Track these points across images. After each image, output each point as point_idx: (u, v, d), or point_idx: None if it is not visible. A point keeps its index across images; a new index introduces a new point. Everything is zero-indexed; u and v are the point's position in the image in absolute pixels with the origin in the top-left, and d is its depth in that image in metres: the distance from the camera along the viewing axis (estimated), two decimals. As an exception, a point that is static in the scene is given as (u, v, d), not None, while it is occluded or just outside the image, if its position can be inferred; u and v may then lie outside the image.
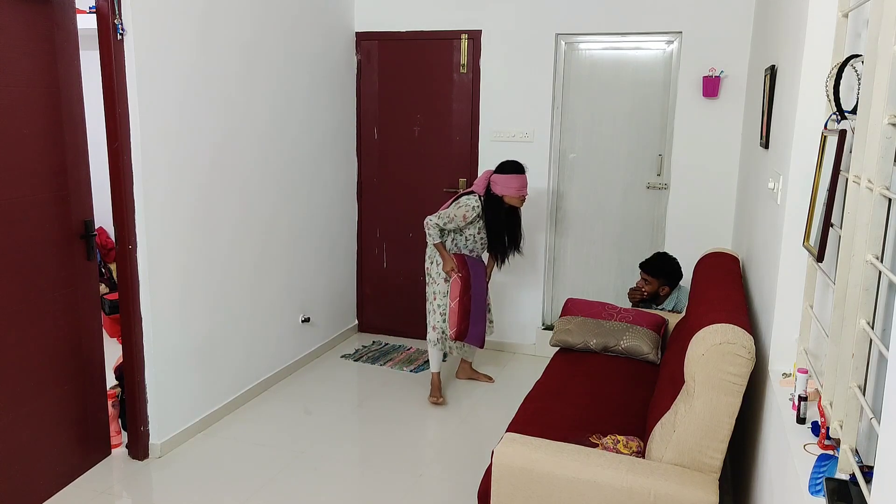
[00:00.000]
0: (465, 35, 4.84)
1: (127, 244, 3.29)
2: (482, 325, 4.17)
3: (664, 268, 4.18)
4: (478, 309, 4.12)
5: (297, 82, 4.41)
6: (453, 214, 3.96)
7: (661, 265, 4.19)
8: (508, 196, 3.99)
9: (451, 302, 4.04)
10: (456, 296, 4.03)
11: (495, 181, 3.98)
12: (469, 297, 4.06)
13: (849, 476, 1.52)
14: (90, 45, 3.24)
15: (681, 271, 4.23)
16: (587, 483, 2.28)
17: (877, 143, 1.47)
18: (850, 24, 2.01)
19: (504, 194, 3.98)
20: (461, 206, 3.97)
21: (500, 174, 3.97)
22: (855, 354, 1.54)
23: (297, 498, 3.17)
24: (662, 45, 4.55)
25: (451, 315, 4.05)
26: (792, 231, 2.28)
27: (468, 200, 3.99)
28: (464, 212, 3.97)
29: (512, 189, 3.96)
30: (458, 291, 4.02)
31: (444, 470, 3.45)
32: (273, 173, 4.25)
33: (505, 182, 3.96)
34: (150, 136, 3.29)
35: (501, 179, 3.96)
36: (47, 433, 3.09)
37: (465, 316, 4.05)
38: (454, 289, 4.03)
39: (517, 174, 3.96)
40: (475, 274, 4.12)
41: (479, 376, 4.53)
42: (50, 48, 2.98)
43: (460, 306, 4.03)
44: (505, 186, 3.96)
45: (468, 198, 4.01)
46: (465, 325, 4.05)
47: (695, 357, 2.30)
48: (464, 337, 4.06)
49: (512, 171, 3.96)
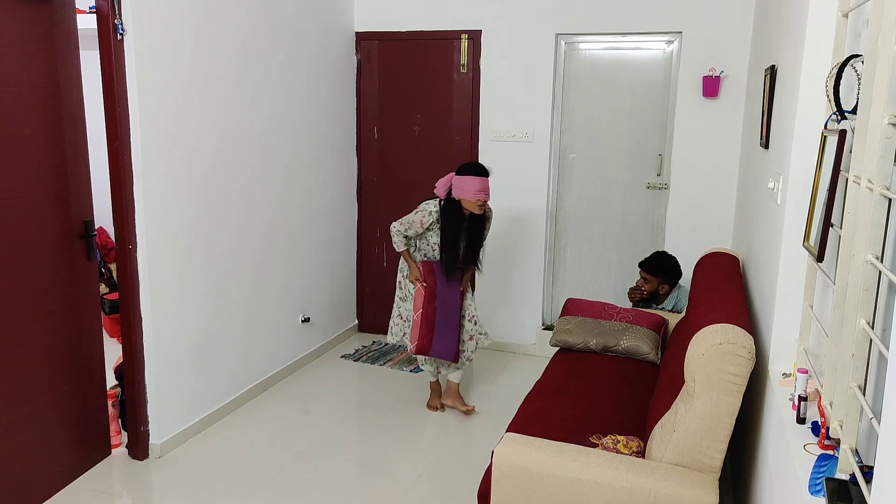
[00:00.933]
0: (465, 35, 4.84)
1: (127, 244, 3.29)
2: (451, 338, 3.81)
3: (663, 266, 4.19)
4: (446, 321, 3.80)
5: (297, 82, 4.41)
6: (412, 220, 3.73)
7: (661, 263, 4.19)
8: (465, 200, 3.67)
9: (413, 313, 3.81)
10: (419, 307, 3.78)
11: (454, 183, 3.69)
12: (434, 309, 3.78)
13: (849, 476, 1.52)
14: (90, 45, 3.24)
15: (680, 270, 4.23)
16: (587, 483, 2.28)
17: (877, 143, 1.47)
18: (850, 24, 2.01)
19: (461, 198, 3.67)
20: (419, 210, 3.73)
21: (458, 175, 3.68)
22: (855, 354, 1.54)
23: (297, 498, 3.17)
24: (662, 45, 4.55)
25: (413, 327, 3.80)
26: (792, 231, 2.28)
27: (426, 205, 3.75)
28: (420, 217, 3.71)
29: (469, 192, 3.63)
30: (422, 302, 3.77)
31: (444, 470, 3.45)
32: (273, 173, 4.25)
33: (462, 184, 3.65)
34: (150, 136, 3.28)
35: (458, 181, 3.66)
36: (47, 433, 3.09)
37: (429, 328, 3.77)
38: (417, 299, 3.79)
39: (476, 176, 3.64)
40: (444, 283, 3.83)
41: (459, 404, 4.05)
42: (50, 48, 2.98)
43: (423, 318, 3.76)
44: (461, 189, 3.65)
45: (427, 202, 3.77)
46: (429, 338, 3.76)
47: (695, 357, 2.30)
48: (426, 351, 3.77)
49: (471, 173, 3.65)
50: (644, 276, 4.21)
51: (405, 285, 3.94)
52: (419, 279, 3.79)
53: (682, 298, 4.23)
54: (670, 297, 4.23)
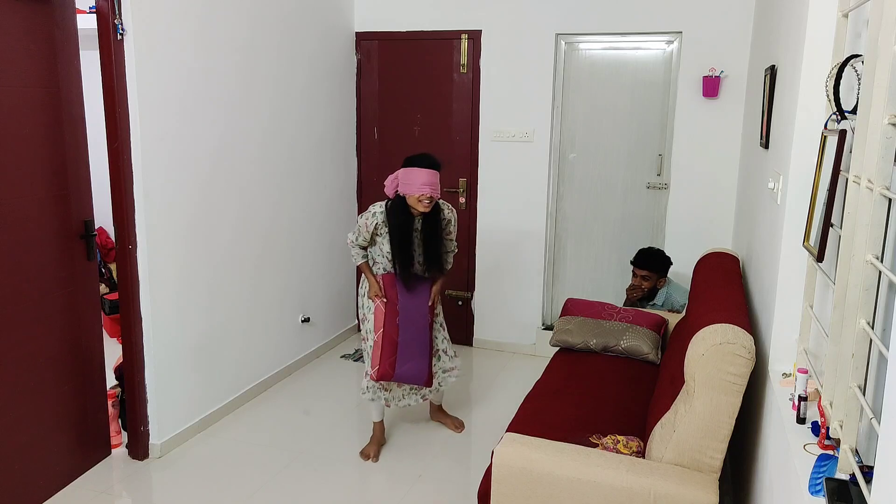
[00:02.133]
0: (465, 35, 4.84)
1: (127, 244, 3.29)
2: (420, 360, 3.35)
3: (659, 259, 4.23)
4: (413, 339, 3.35)
5: (296, 82, 4.41)
6: (359, 225, 3.32)
7: (656, 258, 4.23)
8: (409, 196, 3.19)
9: (374, 334, 3.33)
10: (380, 325, 3.31)
11: (399, 177, 3.22)
12: (396, 327, 3.33)
13: (849, 476, 1.52)
14: (90, 45, 3.24)
15: (670, 259, 4.29)
16: (587, 483, 2.28)
17: (877, 143, 1.47)
18: (850, 24, 2.01)
19: (405, 193, 3.19)
20: (365, 214, 3.33)
21: (404, 168, 3.22)
22: (855, 354, 1.54)
23: (297, 498, 3.17)
24: (662, 45, 4.55)
25: (374, 349, 3.31)
26: (792, 231, 2.28)
27: (373, 207, 3.31)
28: (364, 220, 3.29)
29: (412, 186, 3.15)
30: (382, 320, 3.31)
31: (444, 470, 3.45)
32: (273, 173, 4.25)
33: (406, 178, 3.17)
34: (150, 136, 3.29)
35: (403, 175, 3.19)
36: (47, 433, 3.09)
37: (392, 350, 3.30)
38: (377, 317, 3.32)
39: (421, 168, 3.16)
40: (407, 296, 3.38)
41: (447, 420, 3.82)
42: (50, 48, 2.98)
43: (385, 339, 3.29)
44: (405, 183, 3.18)
45: (374, 204, 3.35)
46: (392, 361, 3.29)
47: (695, 357, 2.30)
48: (389, 377, 3.30)
49: (412, 164, 3.19)
50: (642, 273, 4.22)
51: (364, 304, 3.44)
52: (379, 294, 3.35)
53: (674, 293, 4.25)
54: (661, 293, 4.25)
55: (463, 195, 5.01)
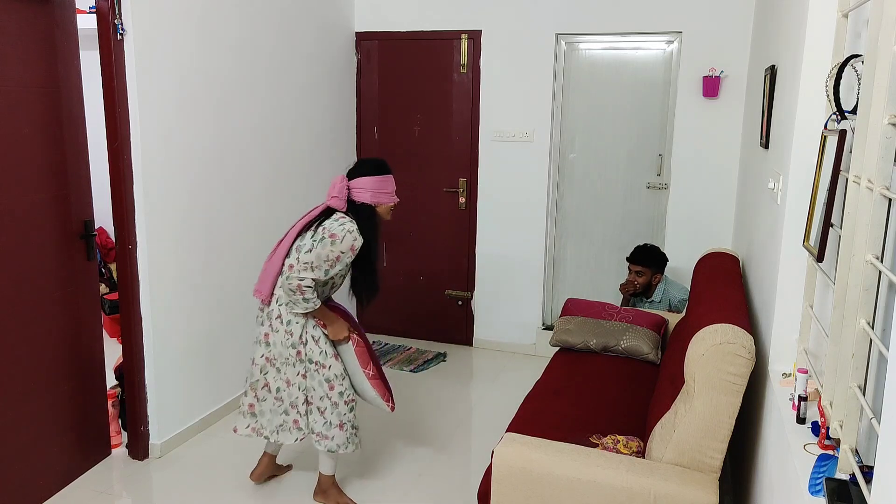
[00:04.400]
0: (465, 35, 4.84)
1: (127, 244, 3.29)
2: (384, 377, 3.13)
3: (654, 255, 4.25)
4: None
5: (296, 82, 4.41)
6: (337, 253, 2.75)
7: (651, 253, 4.25)
8: (383, 204, 2.90)
9: (365, 372, 2.96)
10: (367, 361, 2.98)
11: (361, 186, 2.85)
12: (374, 351, 3.10)
13: (849, 476, 1.52)
14: (90, 45, 3.24)
15: (666, 256, 4.30)
16: (587, 483, 2.28)
17: (877, 143, 1.47)
18: (850, 24, 2.01)
19: (380, 202, 2.88)
20: (342, 237, 2.74)
21: (369, 176, 2.86)
22: (855, 354, 1.54)
23: (297, 498, 3.17)
24: (662, 45, 4.55)
25: (376, 387, 2.99)
26: (792, 231, 2.28)
27: (344, 225, 2.76)
28: (350, 242, 2.76)
29: (386, 195, 2.89)
30: (367, 353, 2.98)
31: (444, 470, 3.45)
32: (273, 173, 4.25)
33: (377, 185, 2.86)
34: (150, 136, 3.29)
35: (372, 183, 2.85)
36: (47, 433, 3.09)
37: (384, 375, 3.09)
38: (361, 355, 2.95)
39: (389, 174, 2.91)
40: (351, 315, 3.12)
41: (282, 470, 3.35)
42: (50, 48, 2.97)
43: (378, 370, 3.03)
44: (378, 192, 2.87)
45: (341, 222, 2.77)
46: (388, 384, 3.11)
47: (695, 357, 2.30)
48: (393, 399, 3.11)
49: (384, 171, 2.90)
50: (637, 269, 4.24)
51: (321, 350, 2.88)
52: (351, 330, 2.96)
53: (671, 290, 4.26)
54: (658, 289, 4.26)
55: (463, 195, 5.01)
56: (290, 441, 2.96)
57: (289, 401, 2.92)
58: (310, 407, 2.92)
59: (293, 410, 2.92)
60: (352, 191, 2.87)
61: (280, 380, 2.91)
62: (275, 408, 2.96)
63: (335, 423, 2.92)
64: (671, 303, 4.24)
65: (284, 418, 2.95)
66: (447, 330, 5.20)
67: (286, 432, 2.96)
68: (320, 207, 2.90)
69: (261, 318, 2.94)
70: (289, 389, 2.91)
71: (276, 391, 2.93)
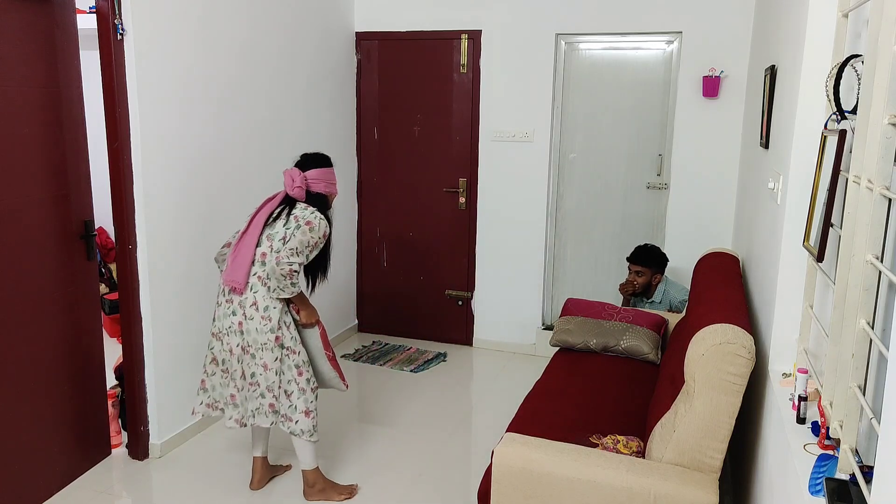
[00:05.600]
0: (465, 35, 4.84)
1: (127, 244, 3.29)
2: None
3: (654, 255, 4.24)
4: None
5: (296, 82, 4.41)
6: (315, 239, 2.91)
7: (651, 254, 4.24)
8: (333, 195, 3.11)
9: (327, 353, 3.11)
10: (328, 343, 3.15)
11: (317, 177, 3.01)
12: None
13: (849, 476, 1.52)
14: (90, 45, 3.24)
15: (666, 257, 4.29)
16: (587, 483, 2.28)
17: (877, 143, 1.47)
18: (850, 24, 2.01)
19: (330, 192, 3.07)
20: (317, 224, 2.90)
21: (322, 168, 3.04)
22: (855, 354, 1.54)
23: (297, 498, 3.17)
24: (662, 45, 4.55)
25: (335, 367, 3.14)
26: (792, 231, 2.28)
27: (314, 213, 2.93)
28: (324, 229, 2.94)
29: (335, 185, 3.11)
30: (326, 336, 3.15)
31: (444, 470, 3.45)
32: (273, 173, 4.24)
33: (330, 177, 3.06)
34: (150, 136, 3.28)
35: (325, 174, 3.03)
36: (47, 433, 3.09)
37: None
38: (324, 338, 3.12)
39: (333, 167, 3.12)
40: None
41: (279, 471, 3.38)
42: (50, 48, 2.98)
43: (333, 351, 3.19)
44: (330, 183, 3.06)
45: (311, 210, 2.93)
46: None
47: (695, 357, 2.30)
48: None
49: (331, 164, 3.10)
50: (637, 269, 4.23)
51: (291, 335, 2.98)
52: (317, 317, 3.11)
53: (671, 290, 4.25)
54: (658, 289, 4.25)
55: (463, 195, 5.01)
56: (266, 424, 3.00)
57: (265, 384, 2.95)
58: (281, 390, 2.97)
59: (269, 394, 2.96)
60: (308, 182, 2.99)
61: (255, 365, 2.93)
62: (250, 394, 2.99)
63: (301, 408, 2.98)
64: (671, 303, 4.24)
65: (260, 402, 2.98)
66: (447, 330, 5.21)
67: (262, 415, 2.99)
68: (279, 197, 3.01)
69: (230, 307, 2.94)
70: (266, 374, 2.93)
71: (250, 377, 2.96)
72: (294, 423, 2.97)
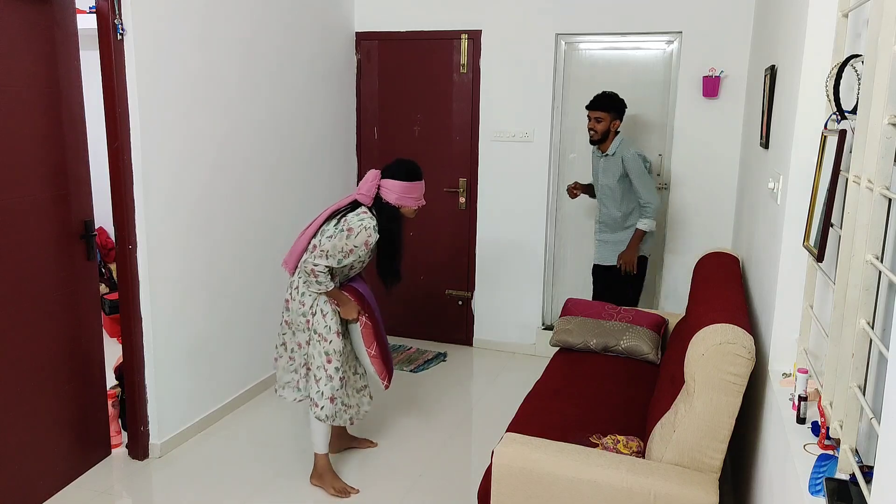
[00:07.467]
0: (465, 35, 4.84)
1: (127, 244, 3.29)
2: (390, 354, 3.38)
3: (614, 100, 4.07)
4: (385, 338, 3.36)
5: (296, 82, 4.41)
6: (351, 246, 2.99)
7: (611, 98, 4.07)
8: (407, 207, 3.15)
9: (368, 351, 3.21)
10: (372, 341, 3.21)
11: (389, 188, 3.08)
12: (383, 332, 3.31)
13: (849, 476, 1.52)
14: (90, 45, 3.24)
15: (625, 102, 4.11)
16: (587, 483, 2.28)
17: (877, 143, 1.47)
18: (850, 24, 2.01)
19: (402, 205, 3.12)
20: (357, 232, 2.98)
21: (398, 180, 3.08)
22: (855, 354, 1.54)
23: (296, 498, 3.17)
24: (662, 44, 4.55)
25: (375, 365, 3.23)
26: (792, 231, 2.28)
27: (363, 221, 3.00)
28: (365, 238, 2.99)
29: (412, 199, 3.13)
30: (373, 334, 3.21)
31: (444, 470, 3.45)
32: (273, 173, 4.25)
33: (405, 190, 3.09)
34: (150, 136, 3.29)
35: (400, 187, 3.07)
36: (47, 433, 3.09)
37: (388, 356, 3.32)
38: (367, 335, 3.19)
39: (418, 181, 3.14)
40: (371, 297, 3.33)
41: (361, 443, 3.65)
42: (50, 48, 2.98)
43: (381, 350, 3.25)
44: (404, 196, 3.10)
45: (360, 217, 3.01)
46: (390, 365, 3.33)
47: (695, 357, 2.30)
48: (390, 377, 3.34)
49: (413, 178, 3.12)
50: (596, 115, 4.07)
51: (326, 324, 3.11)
52: (361, 312, 3.19)
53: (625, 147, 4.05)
54: (614, 142, 4.07)
55: (463, 195, 5.01)
56: (290, 398, 3.27)
57: (299, 361, 3.22)
58: (309, 373, 3.18)
59: (300, 371, 3.23)
60: (381, 189, 3.10)
61: (294, 342, 3.22)
62: (287, 365, 3.27)
63: (327, 394, 3.14)
64: (623, 160, 4.03)
65: (293, 376, 3.26)
66: (447, 330, 5.21)
67: (290, 389, 3.27)
68: (350, 197, 3.15)
69: (288, 285, 3.24)
70: (299, 351, 3.21)
71: (290, 351, 3.24)
72: (319, 408, 3.14)
